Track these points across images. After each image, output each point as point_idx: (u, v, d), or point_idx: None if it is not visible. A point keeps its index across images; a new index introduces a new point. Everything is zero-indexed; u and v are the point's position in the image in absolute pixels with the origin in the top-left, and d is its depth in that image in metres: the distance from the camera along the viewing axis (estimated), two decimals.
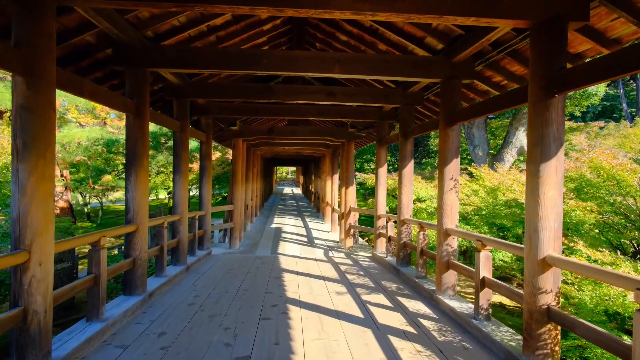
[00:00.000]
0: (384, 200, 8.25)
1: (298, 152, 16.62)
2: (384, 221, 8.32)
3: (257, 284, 5.70)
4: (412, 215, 6.63)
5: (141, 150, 4.61)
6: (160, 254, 5.46)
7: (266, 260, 7.62)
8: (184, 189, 6.35)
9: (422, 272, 5.69)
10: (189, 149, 17.80)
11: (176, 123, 6.20)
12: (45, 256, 2.76)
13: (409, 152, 6.52)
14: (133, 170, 4.55)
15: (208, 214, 8.00)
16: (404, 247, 6.49)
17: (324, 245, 10.09)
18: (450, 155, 4.78)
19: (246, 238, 10.91)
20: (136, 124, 4.60)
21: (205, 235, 8.00)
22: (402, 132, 6.53)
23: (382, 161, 8.25)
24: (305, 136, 9.61)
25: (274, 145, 12.61)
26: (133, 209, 4.57)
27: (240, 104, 8.06)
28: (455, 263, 4.68)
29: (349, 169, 9.51)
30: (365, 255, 8.61)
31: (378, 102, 6.55)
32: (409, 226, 6.54)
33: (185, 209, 6.36)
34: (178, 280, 5.78)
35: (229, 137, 9.36)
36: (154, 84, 6.09)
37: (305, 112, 8.08)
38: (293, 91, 6.41)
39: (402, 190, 6.56)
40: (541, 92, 2.93)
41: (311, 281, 5.89)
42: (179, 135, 6.30)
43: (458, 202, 4.89)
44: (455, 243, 4.81)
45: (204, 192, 7.99)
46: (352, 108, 8.22)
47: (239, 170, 9.32)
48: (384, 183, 8.29)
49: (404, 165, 6.53)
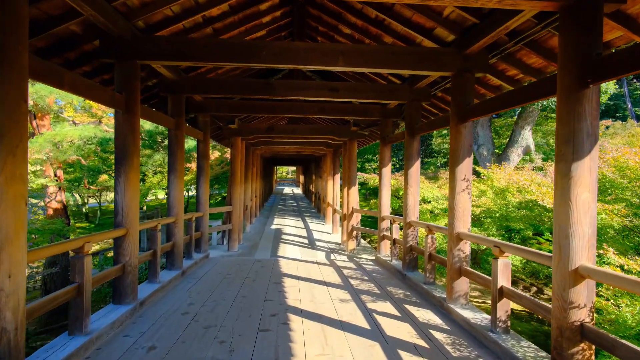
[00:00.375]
0: (388, 201, 7.94)
1: (298, 152, 16.30)
2: (388, 223, 8.01)
3: (256, 290, 5.39)
4: (418, 217, 6.32)
5: (131, 148, 4.29)
6: (153, 259, 5.15)
7: (266, 264, 7.31)
8: (180, 190, 6.04)
9: (430, 277, 5.38)
10: (186, 148, 17.41)
11: (171, 120, 5.89)
12: (15, 267, 2.43)
13: (415, 150, 6.21)
14: (122, 169, 4.25)
15: (205, 215, 7.69)
16: (411, 250, 6.18)
17: (325, 248, 9.78)
18: (463, 154, 4.46)
19: (245, 240, 10.60)
20: (125, 119, 4.29)
21: (202, 238, 7.69)
22: (408, 129, 6.22)
23: (386, 160, 7.93)
24: (306, 135, 9.30)
25: (274, 144, 12.29)
26: (122, 211, 4.26)
27: (239, 101, 7.76)
28: (468, 270, 4.36)
29: (351, 168, 9.19)
30: (368, 258, 8.30)
31: (383, 99, 6.24)
32: (415, 229, 6.23)
33: (180, 211, 6.05)
34: (172, 286, 5.47)
35: (227, 135, 9.05)
36: (148, 79, 5.79)
37: (307, 109, 7.77)
38: (294, 87, 6.11)
39: (408, 190, 6.24)
40: (573, 82, 2.60)
41: (313, 287, 5.58)
42: (174, 133, 5.99)
43: (471, 204, 4.58)
44: (468, 248, 4.50)
45: (202, 192, 7.68)
46: (354, 105, 7.91)
47: (237, 170, 9.01)
48: (388, 183, 7.98)
49: (410, 164, 6.21)
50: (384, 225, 7.94)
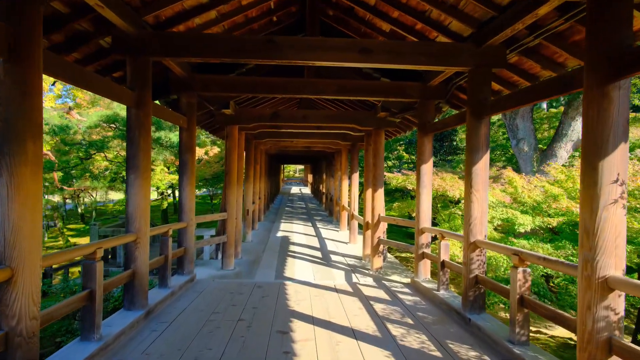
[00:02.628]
0: (428, 207, 6.05)
1: (308, 147, 14.38)
2: (428, 237, 6.11)
3: (251, 347, 3.53)
4: (487, 236, 4.38)
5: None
6: (89, 304, 3.30)
7: (269, 291, 5.47)
8: (144, 195, 4.18)
9: (521, 333, 3.46)
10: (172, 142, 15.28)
11: (128, 93, 4.03)
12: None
13: (483, 138, 4.29)
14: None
15: (190, 226, 5.86)
16: (477, 283, 4.27)
17: (343, 264, 7.90)
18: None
19: (245, 252, 8.74)
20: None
21: (186, 256, 5.86)
22: (474, 107, 4.30)
23: (427, 155, 6.03)
24: (320, 123, 7.40)
25: (280, 137, 10.33)
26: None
27: (234, 77, 5.91)
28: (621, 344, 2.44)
29: (377, 165, 7.28)
30: (401, 281, 6.41)
31: (437, 64, 4.31)
32: (483, 252, 4.32)
33: (143, 224, 4.18)
34: (123, 342, 3.60)
35: (220, 123, 7.20)
36: (98, 35, 3.95)
37: (323, 88, 5.88)
38: (307, 47, 4.21)
39: (471, 196, 4.32)
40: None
41: (337, 342, 3.70)
42: (134, 113, 4.13)
43: None
44: (622, 304, 2.55)
45: (185, 195, 5.85)
46: (385, 84, 6.01)
47: (233, 168, 7.15)
48: (429, 184, 6.07)
49: (475, 158, 4.29)
50: (423, 239, 6.04)
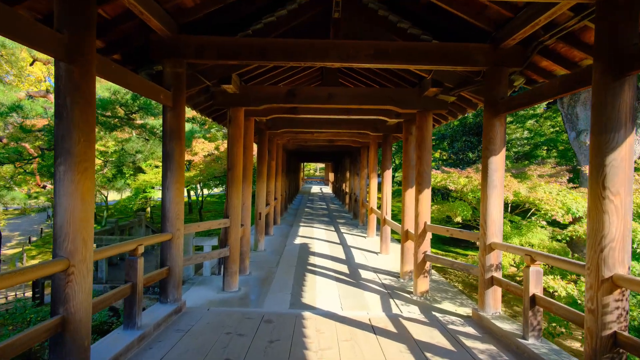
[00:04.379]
0: (499, 215, 4.39)
1: (331, 141, 12.72)
2: (500, 256, 4.44)
3: None
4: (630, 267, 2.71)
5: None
6: None
7: (280, 331, 3.94)
8: (80, 196, 2.67)
9: None
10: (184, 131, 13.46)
11: (52, 36, 2.52)
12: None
13: (627, 108, 2.61)
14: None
15: (177, 238, 4.36)
16: (615, 346, 2.58)
17: (377, 283, 6.28)
18: None
19: (255, 266, 7.22)
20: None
21: (170, 278, 4.36)
22: (605, 66, 2.63)
23: (498, 143, 4.36)
24: (348, 105, 5.76)
25: (298, 127, 8.68)
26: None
27: (237, 39, 4.37)
28: None
29: (423, 158, 5.60)
30: (457, 312, 4.77)
31: None
32: (624, 294, 2.63)
33: (80, 243, 2.66)
34: None
35: (222, 105, 5.67)
36: None
37: (354, 53, 4.29)
38: None
39: (605, 204, 2.62)
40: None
41: None
42: (65, 68, 2.60)
43: None
44: None
45: (170, 198, 4.35)
46: (439, 46, 4.36)
47: (238, 161, 5.61)
48: (500, 184, 4.40)
49: (612, 144, 2.61)
50: (492, 259, 4.38)
